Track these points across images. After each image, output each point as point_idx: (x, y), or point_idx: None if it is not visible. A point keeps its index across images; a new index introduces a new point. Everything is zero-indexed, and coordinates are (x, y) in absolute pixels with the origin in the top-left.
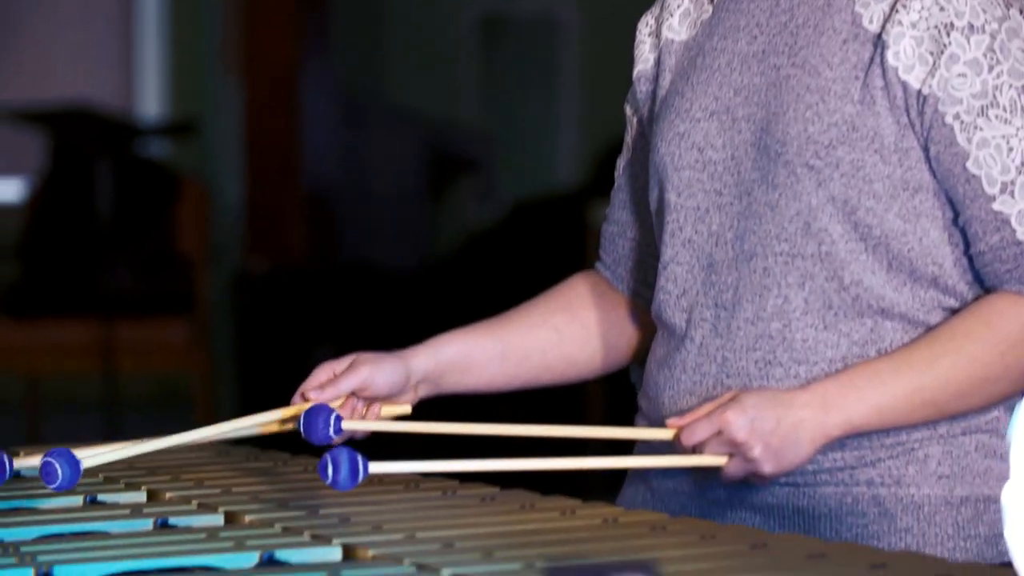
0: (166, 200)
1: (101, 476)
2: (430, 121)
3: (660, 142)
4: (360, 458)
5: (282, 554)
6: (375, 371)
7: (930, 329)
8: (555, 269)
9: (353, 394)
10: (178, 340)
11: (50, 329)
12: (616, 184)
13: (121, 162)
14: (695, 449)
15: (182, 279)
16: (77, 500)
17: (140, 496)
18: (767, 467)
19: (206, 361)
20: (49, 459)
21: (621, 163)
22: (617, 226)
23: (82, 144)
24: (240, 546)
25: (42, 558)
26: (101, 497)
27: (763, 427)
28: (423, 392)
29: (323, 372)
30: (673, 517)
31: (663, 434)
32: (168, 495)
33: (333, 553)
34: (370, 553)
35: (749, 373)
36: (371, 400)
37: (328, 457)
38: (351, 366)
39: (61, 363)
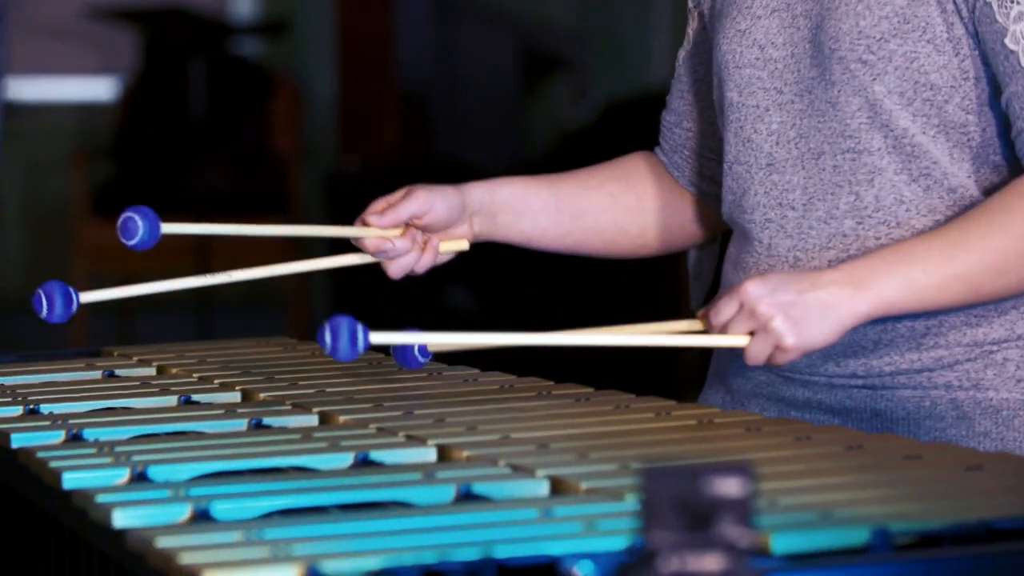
0: (259, 99)
1: (196, 376)
2: (524, 19)
3: (722, 39)
4: (360, 327)
5: (377, 455)
6: (432, 197)
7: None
8: None
9: (411, 225)
10: (271, 239)
11: None
12: (676, 73)
13: (214, 61)
14: (724, 331)
15: (275, 178)
16: (172, 400)
17: (234, 396)
18: (789, 339)
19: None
20: (129, 214)
21: (682, 54)
22: (674, 116)
23: (175, 43)
24: (334, 447)
25: (137, 458)
26: (196, 397)
27: (783, 298)
28: (479, 227)
29: (379, 203)
30: (768, 418)
31: (691, 324)
32: (262, 395)
33: (428, 454)
34: (465, 454)
35: None
36: (429, 230)
37: (327, 325)
38: (408, 194)
39: (154, 263)
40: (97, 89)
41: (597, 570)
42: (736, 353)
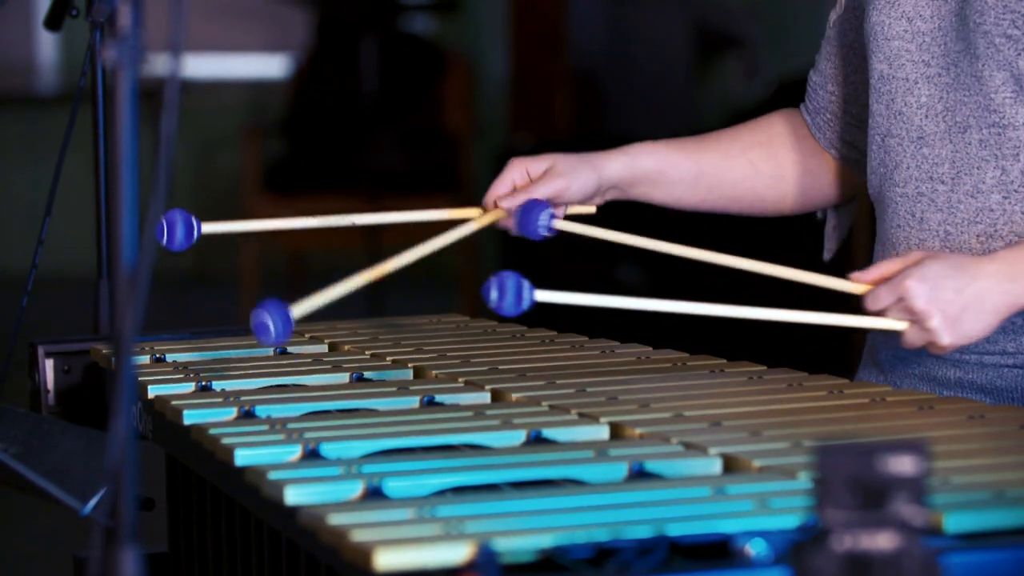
0: (431, 76)
1: (368, 353)
2: None
3: (872, 10)
4: (526, 283)
5: (549, 432)
6: (570, 182)
7: None
8: None
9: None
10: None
11: (314, 204)
12: (826, 34)
13: (386, 38)
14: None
15: (447, 155)
16: (344, 377)
17: (407, 374)
18: (945, 338)
19: (470, 237)
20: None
21: (833, 16)
22: (821, 77)
23: (347, 20)
24: (507, 424)
25: (309, 435)
26: (368, 374)
27: (943, 296)
28: (610, 197)
29: (516, 170)
30: (941, 396)
31: (851, 287)
32: (434, 373)
33: (600, 432)
34: (637, 432)
35: (971, 247)
36: (560, 204)
37: (494, 280)
38: (546, 175)
39: (325, 239)
40: (269, 66)
41: (770, 548)
42: (888, 333)
